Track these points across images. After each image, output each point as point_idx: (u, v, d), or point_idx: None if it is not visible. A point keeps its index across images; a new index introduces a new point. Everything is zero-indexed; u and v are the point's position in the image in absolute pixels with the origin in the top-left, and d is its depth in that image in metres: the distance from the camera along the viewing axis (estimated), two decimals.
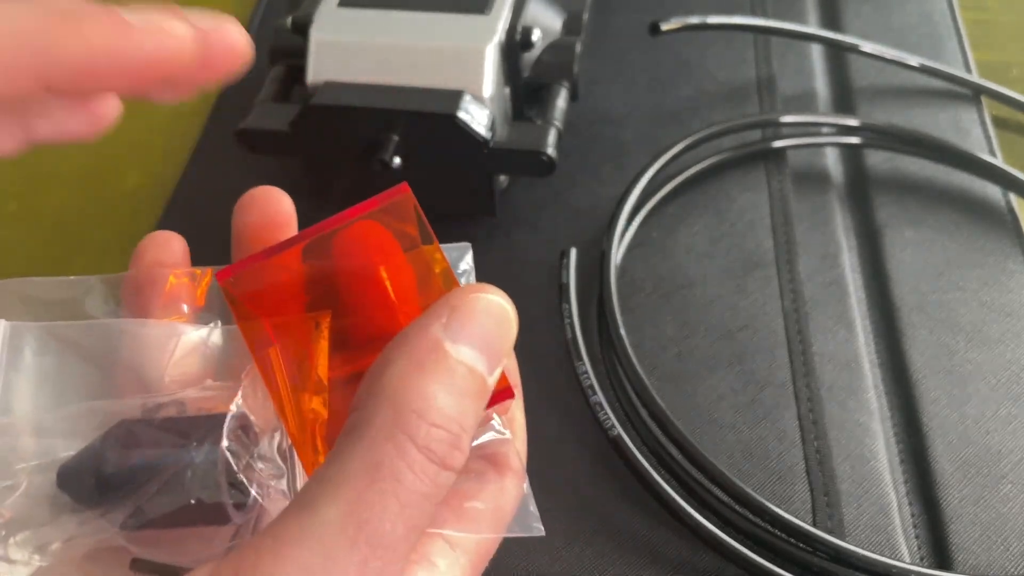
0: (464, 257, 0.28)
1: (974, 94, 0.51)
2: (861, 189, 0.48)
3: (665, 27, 0.50)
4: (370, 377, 0.22)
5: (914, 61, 0.51)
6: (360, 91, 0.42)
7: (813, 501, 0.36)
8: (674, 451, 0.36)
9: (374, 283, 0.25)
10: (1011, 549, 0.35)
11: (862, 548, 0.33)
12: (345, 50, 0.42)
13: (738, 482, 0.34)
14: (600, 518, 0.36)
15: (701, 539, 0.34)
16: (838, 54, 0.54)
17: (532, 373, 0.30)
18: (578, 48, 0.45)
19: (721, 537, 0.34)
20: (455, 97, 0.41)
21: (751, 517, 0.34)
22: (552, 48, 0.45)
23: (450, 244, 0.27)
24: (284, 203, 0.29)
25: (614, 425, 0.37)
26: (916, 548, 0.35)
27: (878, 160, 0.48)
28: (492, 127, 0.41)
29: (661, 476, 0.36)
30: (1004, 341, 0.41)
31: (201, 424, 0.24)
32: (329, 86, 0.42)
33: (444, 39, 0.42)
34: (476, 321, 0.22)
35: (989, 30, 0.56)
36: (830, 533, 0.34)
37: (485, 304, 0.23)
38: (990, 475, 0.36)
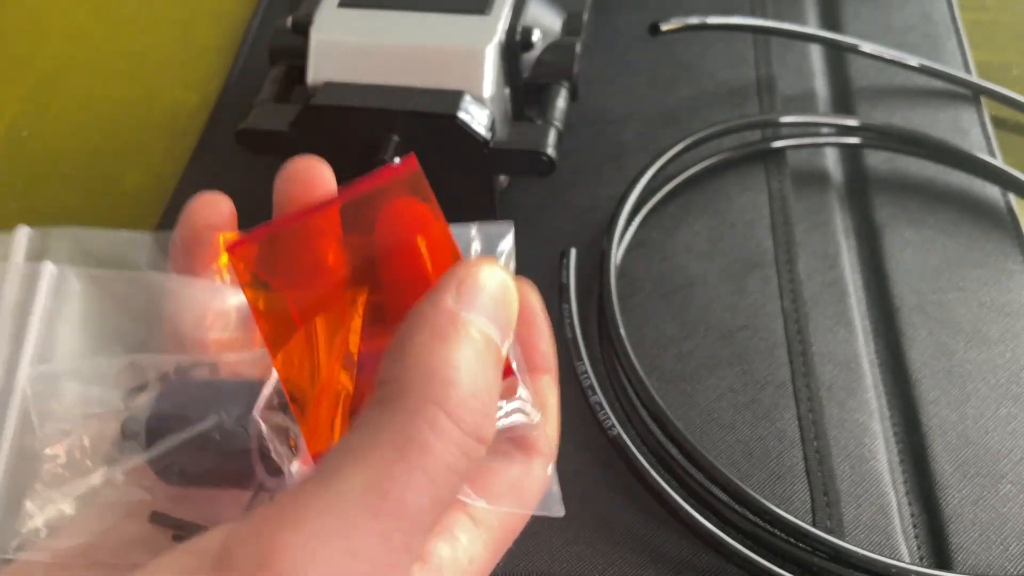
0: (506, 236, 0.27)
1: (973, 94, 0.51)
2: (861, 189, 0.48)
3: (665, 27, 0.50)
4: (393, 350, 0.21)
5: (914, 61, 0.51)
6: (360, 91, 0.42)
7: (813, 501, 0.36)
8: (674, 451, 0.36)
9: (413, 258, 0.24)
10: (1010, 549, 0.35)
11: (862, 548, 0.33)
12: (345, 50, 0.43)
13: (738, 482, 0.34)
14: (600, 518, 0.36)
15: (701, 539, 0.34)
16: (838, 54, 0.54)
17: None
18: (578, 48, 0.45)
19: (721, 537, 0.34)
20: (455, 97, 0.41)
21: (751, 517, 0.34)
22: (552, 48, 0.45)
23: (491, 222, 0.26)
24: (325, 173, 0.28)
25: (614, 425, 0.37)
26: (915, 548, 0.35)
27: (878, 160, 0.48)
28: (492, 127, 0.41)
29: (661, 476, 0.36)
30: (1003, 341, 0.41)
31: (241, 389, 0.24)
32: (329, 86, 0.42)
33: (444, 39, 0.42)
34: (485, 292, 0.22)
35: (989, 30, 0.56)
36: (830, 533, 0.34)
37: (488, 275, 0.23)
38: (989, 475, 0.37)
